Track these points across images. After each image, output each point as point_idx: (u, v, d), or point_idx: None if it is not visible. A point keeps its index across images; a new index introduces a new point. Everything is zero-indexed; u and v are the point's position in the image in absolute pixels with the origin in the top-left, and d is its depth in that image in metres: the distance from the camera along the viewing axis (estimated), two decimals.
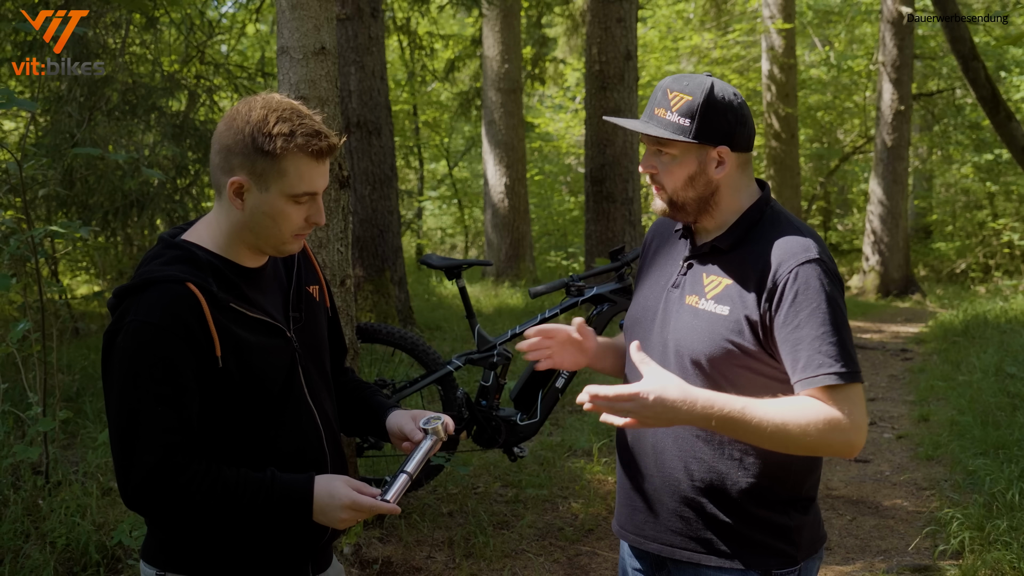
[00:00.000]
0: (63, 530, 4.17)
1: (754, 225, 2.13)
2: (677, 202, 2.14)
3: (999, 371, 7.88)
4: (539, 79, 16.64)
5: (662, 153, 2.13)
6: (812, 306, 1.99)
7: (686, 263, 2.19)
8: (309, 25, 4.16)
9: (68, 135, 7.02)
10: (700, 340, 2.07)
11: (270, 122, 1.94)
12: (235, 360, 1.96)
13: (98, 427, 5.63)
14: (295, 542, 2.07)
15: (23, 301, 5.59)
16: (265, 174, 1.95)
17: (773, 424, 1.93)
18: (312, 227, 2.05)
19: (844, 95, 18.96)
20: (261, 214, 1.98)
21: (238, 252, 2.05)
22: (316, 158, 1.97)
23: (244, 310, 2.00)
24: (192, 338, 1.91)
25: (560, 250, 17.47)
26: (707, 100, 2.08)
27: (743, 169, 2.16)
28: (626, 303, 4.96)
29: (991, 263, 17.64)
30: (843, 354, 1.98)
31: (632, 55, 10.05)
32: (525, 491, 5.23)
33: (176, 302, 1.90)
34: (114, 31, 8.07)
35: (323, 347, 2.23)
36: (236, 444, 2.01)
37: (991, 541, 4.43)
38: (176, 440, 1.90)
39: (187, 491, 1.90)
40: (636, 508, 2.21)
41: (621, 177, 10.04)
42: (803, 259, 2.02)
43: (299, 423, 2.08)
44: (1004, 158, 16.33)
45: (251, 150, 1.94)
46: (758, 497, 2.07)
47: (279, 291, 2.14)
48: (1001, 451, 5.63)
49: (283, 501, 1.95)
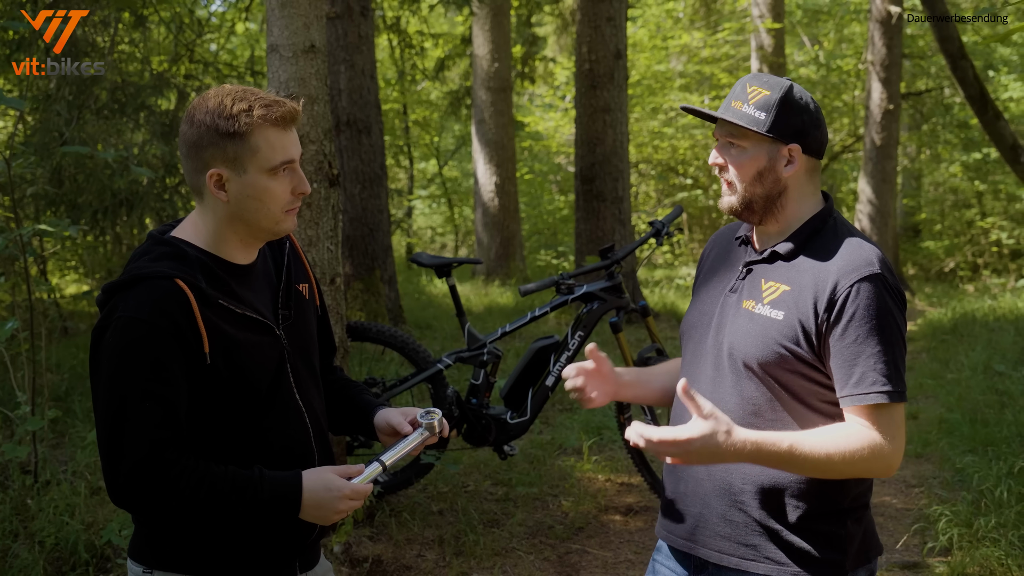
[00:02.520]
0: (52, 529, 4.15)
1: (816, 234, 2.14)
2: (745, 198, 2.14)
3: (987, 369, 7.91)
4: (529, 78, 16.62)
5: (733, 146, 2.14)
6: (871, 323, 2.00)
7: (745, 268, 2.19)
8: (299, 23, 4.15)
9: (57, 134, 6.99)
10: (754, 344, 2.08)
11: (227, 105, 1.95)
12: (223, 357, 1.96)
13: (87, 426, 5.61)
14: (282, 540, 2.07)
15: (11, 300, 5.57)
16: (239, 157, 1.96)
17: (819, 458, 1.97)
18: (300, 199, 2.05)
19: (833, 94, 18.98)
20: (246, 198, 1.99)
21: (228, 248, 2.05)
22: (282, 126, 1.98)
23: (233, 307, 1.99)
24: (180, 334, 1.91)
25: (550, 249, 17.45)
26: (784, 97, 2.10)
27: (811, 176, 2.17)
28: (616, 301, 4.97)
29: (980, 262, 17.68)
30: (895, 374, 2.00)
31: (622, 54, 10.06)
32: (515, 489, 5.23)
33: (165, 298, 1.90)
34: (103, 29, 8.03)
35: (312, 345, 2.22)
36: (224, 441, 2.00)
37: (979, 538, 4.45)
38: (164, 436, 1.90)
39: (175, 487, 1.90)
40: (684, 512, 2.21)
41: (611, 176, 10.04)
42: (865, 273, 2.02)
43: (287, 421, 2.08)
44: (992, 157, 16.38)
45: (218, 137, 1.95)
46: (810, 504, 2.07)
47: (268, 288, 2.14)
48: (989, 448, 5.66)
49: (271, 498, 1.95)
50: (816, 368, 2.06)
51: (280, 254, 2.20)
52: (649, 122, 18.53)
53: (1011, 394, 6.94)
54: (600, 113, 10.01)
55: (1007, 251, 17.52)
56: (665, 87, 18.70)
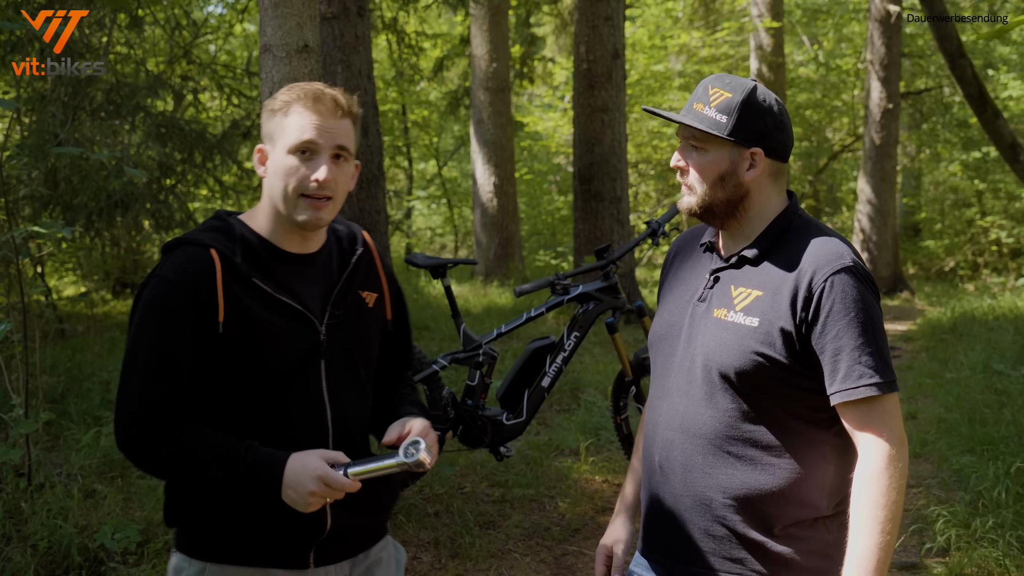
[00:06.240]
0: (45, 532, 4.14)
1: (782, 234, 2.10)
2: (705, 201, 2.09)
3: (987, 368, 7.90)
4: (528, 78, 16.62)
5: (696, 149, 2.10)
6: (850, 315, 1.97)
7: (712, 276, 2.15)
8: (292, 23, 4.14)
9: (52, 135, 6.98)
10: (729, 353, 2.03)
11: (282, 91, 2.09)
12: (239, 331, 2.01)
13: (82, 429, 5.60)
14: (291, 528, 2.06)
15: (6, 302, 5.55)
16: (274, 134, 2.06)
17: (883, 527, 1.93)
18: (320, 190, 2.04)
19: (832, 93, 18.98)
20: (272, 175, 2.07)
21: (278, 234, 2.11)
22: (315, 110, 2.03)
23: (268, 288, 2.05)
24: (198, 300, 1.99)
25: (549, 249, 17.44)
26: (746, 99, 2.05)
27: (775, 179, 2.12)
28: (612, 301, 4.94)
29: (979, 261, 17.67)
30: (882, 364, 1.97)
31: (620, 54, 10.04)
32: (512, 491, 5.21)
33: (194, 263, 2.01)
34: (98, 30, 8.02)
35: (361, 353, 2.19)
36: (238, 418, 2.04)
37: (977, 539, 4.43)
38: (164, 391, 1.98)
39: (162, 441, 1.97)
40: (664, 528, 2.16)
41: (609, 176, 10.03)
42: (838, 267, 1.99)
43: (306, 414, 2.08)
44: (992, 156, 16.37)
45: (267, 115, 2.08)
46: (792, 513, 2.04)
47: (324, 284, 2.14)
48: (987, 448, 5.64)
49: (248, 471, 1.98)
50: (796, 372, 2.01)
51: (349, 256, 2.20)
52: (648, 122, 18.53)
53: (1010, 394, 6.92)
54: (598, 113, 10.00)
55: (1007, 250, 17.51)
56: (664, 87, 18.69)
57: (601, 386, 7.20)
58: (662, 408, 2.16)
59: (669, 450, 2.12)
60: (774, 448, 2.03)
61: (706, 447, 2.06)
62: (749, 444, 2.04)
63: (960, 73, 9.60)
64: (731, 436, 2.04)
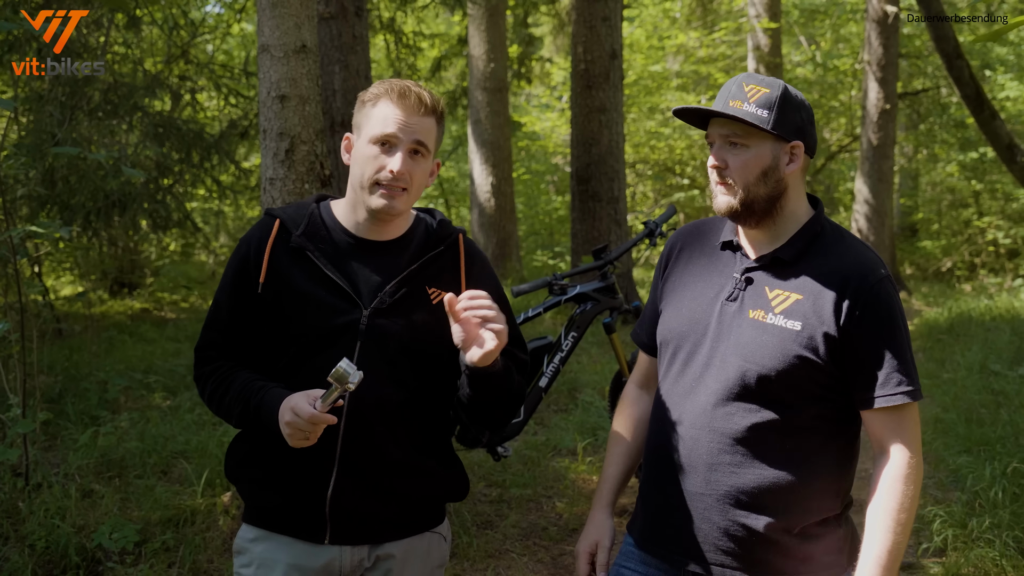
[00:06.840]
0: (42, 532, 4.13)
1: (816, 238, 2.11)
2: (748, 199, 2.09)
3: (983, 368, 7.91)
4: (525, 78, 16.60)
5: (735, 145, 2.09)
6: (892, 325, 2.02)
7: (744, 276, 2.14)
8: (290, 23, 4.13)
9: (50, 134, 6.97)
10: (770, 356, 2.04)
11: (375, 84, 2.20)
12: (275, 295, 2.17)
13: (79, 428, 5.59)
14: (307, 500, 2.17)
15: (3, 302, 5.54)
16: (360, 124, 2.19)
17: (898, 538, 1.99)
18: (396, 180, 2.12)
19: (830, 94, 18.98)
20: (354, 161, 2.19)
21: (355, 220, 2.23)
22: (400, 105, 2.13)
23: (319, 263, 2.17)
24: (247, 260, 2.21)
25: (547, 249, 17.42)
26: (784, 94, 2.08)
27: (803, 177, 2.15)
28: (610, 302, 4.95)
29: (976, 261, 17.68)
30: (914, 372, 2.03)
31: (618, 54, 10.04)
32: (509, 491, 5.21)
33: (258, 229, 2.23)
34: (96, 30, 8.01)
35: (404, 345, 2.18)
36: (274, 374, 2.19)
37: (974, 539, 4.44)
38: (214, 337, 2.25)
39: (202, 379, 2.25)
40: (673, 524, 2.16)
41: (607, 176, 10.03)
42: (879, 276, 2.03)
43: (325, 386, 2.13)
44: (989, 156, 16.38)
45: (357, 108, 2.21)
46: (812, 511, 2.06)
47: (386, 272, 2.19)
48: (984, 449, 5.64)
49: (256, 411, 2.13)
50: (832, 376, 2.04)
51: (425, 252, 2.24)
52: (646, 122, 18.52)
53: (1006, 394, 6.93)
54: (596, 113, 10.00)
55: (1004, 250, 17.52)
56: (662, 87, 18.69)
57: (598, 386, 7.20)
58: (685, 406, 2.15)
59: (694, 447, 2.11)
60: (801, 449, 2.05)
61: (735, 446, 2.07)
62: (778, 445, 2.05)
63: (957, 74, 9.61)
64: (761, 437, 2.05)
